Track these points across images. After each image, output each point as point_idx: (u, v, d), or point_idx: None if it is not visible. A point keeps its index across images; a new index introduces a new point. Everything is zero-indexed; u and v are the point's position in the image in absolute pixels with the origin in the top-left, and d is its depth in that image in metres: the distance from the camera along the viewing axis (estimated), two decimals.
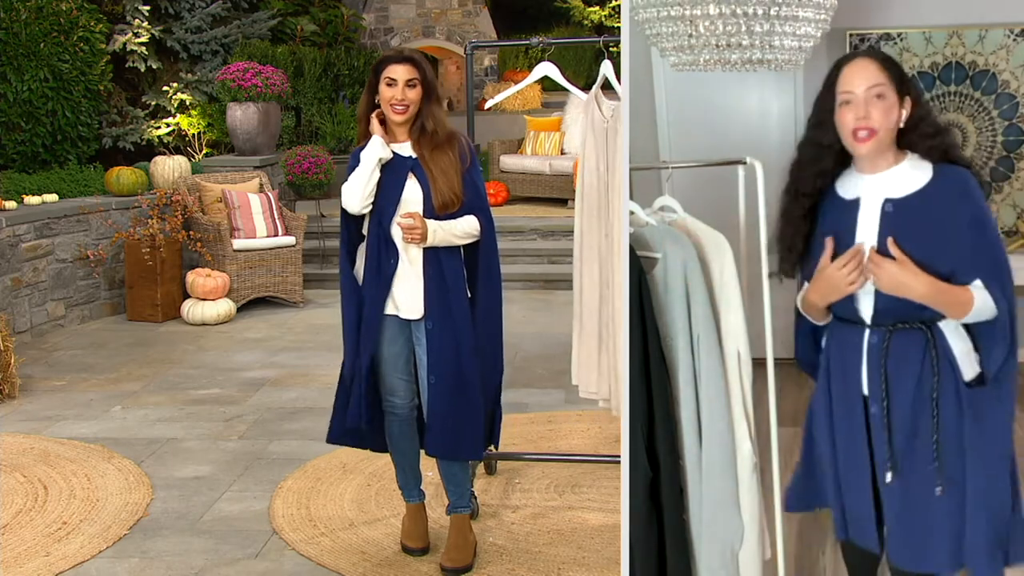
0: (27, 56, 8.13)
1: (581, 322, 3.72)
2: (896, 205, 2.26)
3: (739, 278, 2.58)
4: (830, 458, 2.47)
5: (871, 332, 2.31)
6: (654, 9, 2.78)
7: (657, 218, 2.68)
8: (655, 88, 4.92)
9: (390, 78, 3.17)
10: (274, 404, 5.26)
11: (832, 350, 2.42)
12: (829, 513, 2.59)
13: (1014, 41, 4.64)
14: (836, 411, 2.42)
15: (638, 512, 2.47)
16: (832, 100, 2.27)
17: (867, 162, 2.30)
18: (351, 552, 3.53)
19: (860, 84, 2.21)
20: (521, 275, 8.09)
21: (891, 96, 2.22)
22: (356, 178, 3.22)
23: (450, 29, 13.62)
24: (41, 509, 3.92)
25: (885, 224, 2.26)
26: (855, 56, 2.26)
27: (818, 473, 2.53)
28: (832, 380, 2.42)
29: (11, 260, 6.58)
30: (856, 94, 2.21)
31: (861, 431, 2.36)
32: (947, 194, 2.24)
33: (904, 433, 2.28)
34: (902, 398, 2.28)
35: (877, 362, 2.29)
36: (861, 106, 2.20)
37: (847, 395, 2.38)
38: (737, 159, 2.77)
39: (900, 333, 2.28)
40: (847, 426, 2.39)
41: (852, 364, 2.36)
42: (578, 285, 3.71)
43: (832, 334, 2.44)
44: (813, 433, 2.55)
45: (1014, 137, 4.73)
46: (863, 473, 2.38)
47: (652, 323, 2.47)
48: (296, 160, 8.85)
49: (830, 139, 2.32)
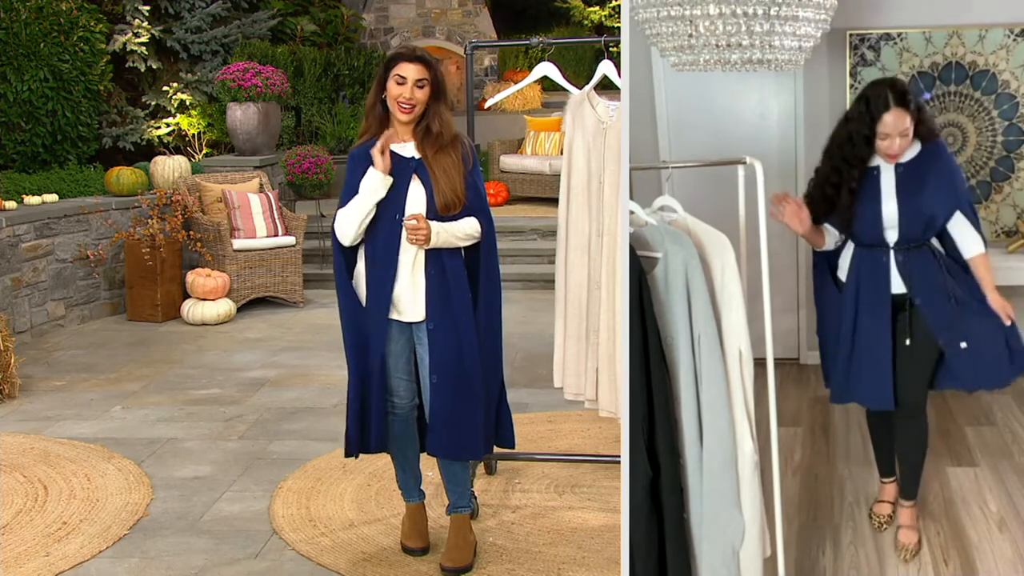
0: (27, 56, 8.14)
1: (565, 323, 3.71)
2: (905, 166, 3.25)
3: (740, 277, 2.58)
4: (849, 343, 3.32)
5: (896, 252, 3.26)
6: (654, 9, 2.78)
7: (657, 218, 2.68)
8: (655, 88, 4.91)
9: (400, 76, 3.16)
10: (274, 404, 5.26)
11: (862, 268, 3.31)
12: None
13: (1014, 41, 4.63)
14: (862, 309, 3.30)
15: (638, 512, 2.47)
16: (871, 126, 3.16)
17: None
18: (351, 552, 3.53)
19: (895, 129, 3.13)
20: (521, 275, 8.09)
21: (911, 130, 3.17)
22: (353, 213, 3.20)
23: (450, 29, 13.61)
24: (41, 509, 3.93)
25: (899, 178, 3.24)
26: (892, 107, 3.11)
27: (840, 363, 3.35)
28: (861, 287, 3.31)
29: (11, 260, 6.58)
30: (892, 136, 3.15)
31: (888, 318, 3.26)
32: (930, 157, 3.25)
33: (932, 308, 3.25)
34: (927, 290, 3.24)
35: (906, 270, 3.26)
36: (895, 143, 3.16)
37: (878, 296, 3.28)
38: (737, 159, 2.78)
39: (913, 251, 3.26)
40: (876, 319, 3.27)
41: (882, 274, 3.28)
42: (561, 286, 3.70)
43: (860, 256, 3.32)
44: (831, 328, 3.41)
45: (1014, 137, 4.72)
46: (886, 346, 3.26)
47: (652, 323, 2.47)
48: (296, 160, 8.85)
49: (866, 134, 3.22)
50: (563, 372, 3.76)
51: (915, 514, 3.50)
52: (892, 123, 3.13)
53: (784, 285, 5.00)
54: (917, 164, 3.25)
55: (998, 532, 3.51)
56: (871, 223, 3.27)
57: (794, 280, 5.01)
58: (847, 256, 3.41)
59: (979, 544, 3.43)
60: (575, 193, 3.60)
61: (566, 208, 3.64)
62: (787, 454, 4.16)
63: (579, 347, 3.68)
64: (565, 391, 3.77)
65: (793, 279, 5.01)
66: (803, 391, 4.82)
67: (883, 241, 3.29)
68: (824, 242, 3.41)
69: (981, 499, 3.73)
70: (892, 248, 3.29)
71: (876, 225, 3.27)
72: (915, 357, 3.29)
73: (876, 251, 3.31)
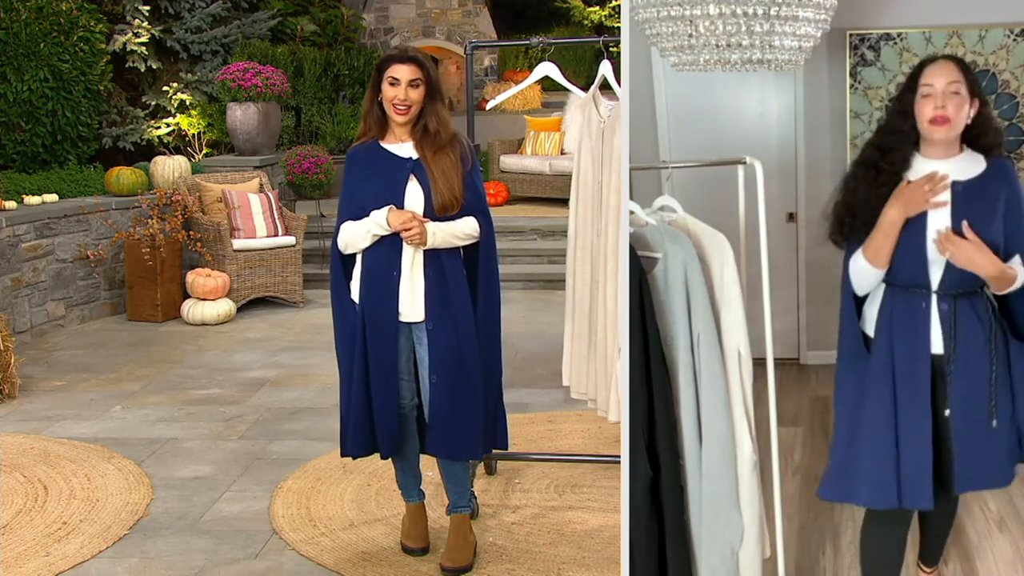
0: (27, 56, 8.13)
1: (573, 322, 3.71)
2: (965, 187, 2.60)
3: (739, 277, 2.58)
4: (885, 419, 2.65)
5: (939, 299, 2.64)
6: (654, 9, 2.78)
7: (657, 218, 2.68)
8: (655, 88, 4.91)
9: (393, 77, 3.16)
10: (274, 404, 5.26)
11: (895, 316, 2.68)
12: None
13: (1014, 41, 4.63)
14: (899, 371, 2.65)
15: (638, 512, 2.47)
16: (914, 94, 2.60)
17: (939, 147, 2.63)
18: (351, 552, 3.53)
19: (940, 80, 2.55)
20: (521, 275, 8.09)
21: (964, 93, 2.56)
22: (356, 240, 3.20)
23: (450, 29, 13.61)
24: (41, 509, 3.93)
25: (956, 202, 2.59)
26: (938, 57, 2.61)
27: (862, 448, 2.69)
28: (896, 342, 2.67)
29: (11, 260, 6.58)
30: (936, 87, 2.55)
31: (927, 385, 2.64)
32: (998, 180, 2.63)
33: (967, 380, 2.64)
34: (969, 352, 2.64)
35: (948, 324, 2.64)
36: (940, 97, 2.55)
37: (915, 354, 2.65)
38: (737, 159, 2.78)
39: (962, 299, 2.64)
40: (912, 383, 2.65)
41: (921, 327, 2.65)
42: (571, 285, 3.71)
43: (893, 303, 2.69)
44: (859, 403, 2.72)
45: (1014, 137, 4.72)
46: (926, 425, 2.63)
47: (652, 323, 2.47)
48: (296, 160, 8.85)
49: (908, 126, 2.64)
50: (570, 371, 3.76)
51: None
52: (936, 72, 2.56)
53: (784, 285, 5.00)
54: (982, 184, 2.61)
55: (998, 532, 3.51)
56: (911, 254, 2.61)
57: (794, 280, 5.01)
58: (874, 303, 2.74)
59: (979, 544, 3.44)
60: (582, 193, 3.61)
61: (575, 208, 3.65)
62: (787, 454, 4.16)
63: (583, 346, 3.68)
64: (572, 390, 3.78)
65: (793, 279, 5.01)
66: (803, 391, 4.82)
67: (924, 281, 2.64)
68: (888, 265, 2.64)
69: (981, 499, 3.73)
70: (935, 292, 2.64)
71: (917, 257, 2.61)
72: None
73: (914, 295, 2.66)
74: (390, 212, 3.14)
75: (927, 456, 2.63)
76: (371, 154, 3.26)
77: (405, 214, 3.13)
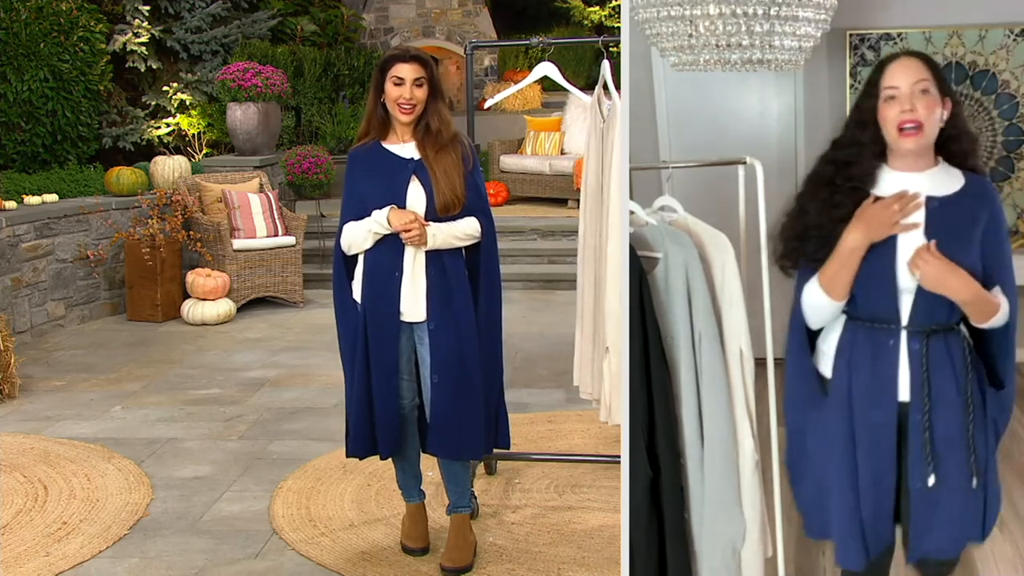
0: (27, 56, 8.13)
1: (582, 322, 3.72)
2: (942, 203, 2.25)
3: (740, 277, 2.58)
4: (845, 479, 2.34)
5: (909, 336, 2.25)
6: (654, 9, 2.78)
7: (657, 218, 2.68)
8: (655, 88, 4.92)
9: (397, 77, 3.16)
10: (274, 404, 5.26)
11: (856, 354, 2.31)
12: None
13: (1014, 41, 4.64)
14: (859, 421, 2.30)
15: (638, 512, 2.47)
16: (875, 100, 2.26)
17: (910, 159, 2.28)
18: (351, 552, 3.53)
19: (906, 79, 2.21)
20: (521, 275, 8.09)
21: (935, 92, 2.22)
22: (359, 239, 3.20)
23: (450, 29, 13.61)
24: (41, 509, 3.92)
25: (931, 221, 2.24)
26: (899, 55, 2.27)
27: (831, 505, 2.41)
28: (855, 385, 2.30)
29: (11, 260, 6.58)
30: (901, 89, 2.21)
31: (892, 438, 2.29)
32: (977, 200, 2.27)
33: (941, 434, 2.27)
34: (943, 401, 2.26)
35: (919, 368, 2.25)
36: (907, 100, 2.20)
37: (878, 402, 2.29)
38: (737, 159, 2.77)
39: (935, 337, 2.26)
40: (875, 435, 2.30)
41: (885, 370, 2.28)
42: (580, 286, 3.72)
43: (854, 338, 2.31)
44: (814, 453, 2.42)
45: (1014, 137, 4.73)
46: (889, 482, 2.32)
47: (652, 322, 2.47)
48: (296, 160, 8.85)
49: (870, 137, 2.29)
50: (579, 371, 3.77)
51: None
52: (899, 71, 2.21)
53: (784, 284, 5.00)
54: (960, 202, 2.26)
55: (998, 532, 3.51)
56: (877, 282, 2.26)
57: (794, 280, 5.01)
58: (830, 337, 2.40)
59: (979, 544, 3.43)
60: (590, 194, 3.61)
61: (584, 209, 3.65)
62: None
63: (590, 346, 3.68)
64: (580, 390, 3.78)
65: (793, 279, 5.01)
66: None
67: (892, 315, 2.27)
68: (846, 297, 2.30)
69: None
70: (905, 328, 2.27)
71: (884, 287, 2.26)
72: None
73: (879, 331, 2.29)
74: (391, 211, 3.14)
75: (887, 522, 2.35)
76: (373, 155, 3.26)
77: (407, 214, 3.13)
